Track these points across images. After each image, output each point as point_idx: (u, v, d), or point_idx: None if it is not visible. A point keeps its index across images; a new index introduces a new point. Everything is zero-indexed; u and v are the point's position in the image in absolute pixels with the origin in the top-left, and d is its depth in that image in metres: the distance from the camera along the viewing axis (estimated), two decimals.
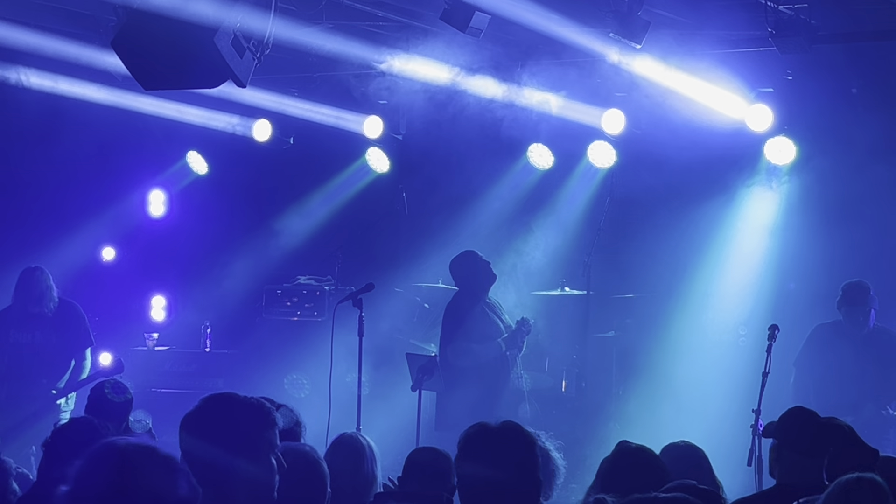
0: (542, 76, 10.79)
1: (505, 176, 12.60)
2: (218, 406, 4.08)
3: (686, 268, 11.94)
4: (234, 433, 3.96)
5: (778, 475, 5.51)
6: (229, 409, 4.06)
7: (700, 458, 5.76)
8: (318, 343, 10.89)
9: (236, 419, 4.02)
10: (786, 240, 11.44)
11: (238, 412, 4.04)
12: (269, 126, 12.83)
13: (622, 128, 11.46)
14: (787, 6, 9.18)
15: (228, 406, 4.08)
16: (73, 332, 10.00)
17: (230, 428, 3.97)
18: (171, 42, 7.71)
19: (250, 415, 4.05)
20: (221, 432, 3.92)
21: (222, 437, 3.86)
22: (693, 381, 11.34)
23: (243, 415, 4.04)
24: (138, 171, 13.47)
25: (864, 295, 9.64)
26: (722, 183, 11.49)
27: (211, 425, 3.97)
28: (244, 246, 13.23)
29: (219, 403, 4.09)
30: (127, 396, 7.35)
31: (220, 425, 3.98)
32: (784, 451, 5.48)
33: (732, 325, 11.61)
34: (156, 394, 11.96)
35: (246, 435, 3.98)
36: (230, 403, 4.09)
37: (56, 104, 11.32)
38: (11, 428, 9.37)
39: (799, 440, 5.44)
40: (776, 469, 5.52)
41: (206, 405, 4.07)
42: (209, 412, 4.05)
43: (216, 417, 4.02)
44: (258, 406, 4.07)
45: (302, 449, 4.95)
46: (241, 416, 4.04)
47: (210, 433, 3.89)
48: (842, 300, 9.71)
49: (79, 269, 12.42)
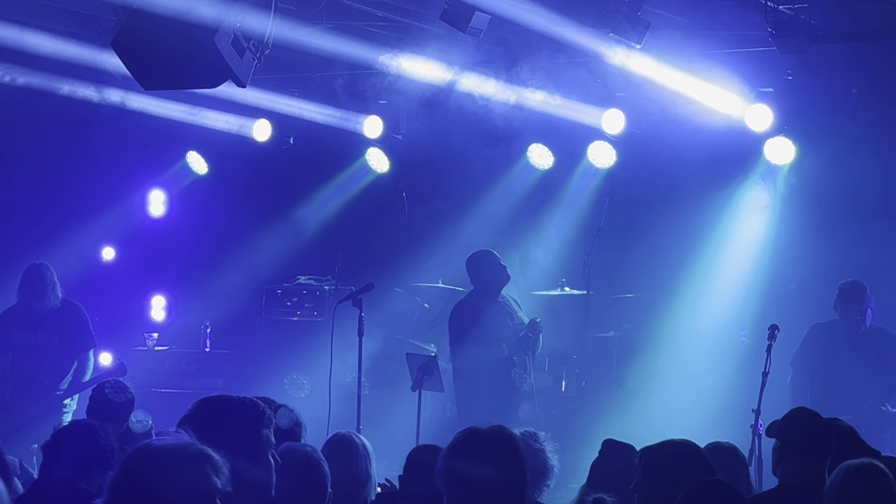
0: (541, 76, 10.78)
1: (505, 176, 12.60)
2: (213, 406, 4.10)
3: (686, 268, 11.94)
4: (231, 432, 3.97)
5: (781, 475, 5.53)
6: (225, 409, 4.09)
7: (737, 461, 5.84)
8: (318, 343, 10.89)
9: (232, 419, 4.04)
10: (786, 240, 11.44)
11: (233, 412, 4.07)
12: (269, 126, 12.83)
13: (622, 128, 11.46)
14: (787, 6, 9.18)
15: (224, 406, 4.10)
16: (75, 333, 10.01)
17: (226, 427, 3.99)
18: (170, 42, 7.71)
19: (245, 414, 4.07)
20: (218, 432, 3.93)
21: (219, 437, 3.87)
22: (693, 381, 11.34)
23: (239, 414, 4.06)
24: (138, 171, 13.46)
25: (861, 294, 9.65)
26: (722, 183, 11.49)
27: (207, 426, 3.98)
28: (244, 246, 13.23)
29: (214, 404, 4.12)
30: (127, 397, 7.36)
31: (216, 425, 3.99)
32: (787, 451, 5.49)
33: (732, 325, 11.61)
34: (156, 394, 11.96)
35: (242, 434, 4.00)
36: (225, 404, 4.12)
37: (55, 104, 11.32)
38: (15, 428, 9.38)
39: (801, 441, 5.45)
40: (779, 469, 5.54)
41: (202, 406, 4.10)
42: (205, 413, 4.07)
43: (212, 418, 4.04)
44: (252, 405, 4.10)
45: (302, 449, 4.95)
46: (236, 415, 4.06)
47: (207, 433, 3.89)
48: (839, 299, 9.72)
49: (79, 269, 12.40)
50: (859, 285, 9.68)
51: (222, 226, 13.30)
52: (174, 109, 12.06)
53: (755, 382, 8.06)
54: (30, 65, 10.61)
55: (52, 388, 9.84)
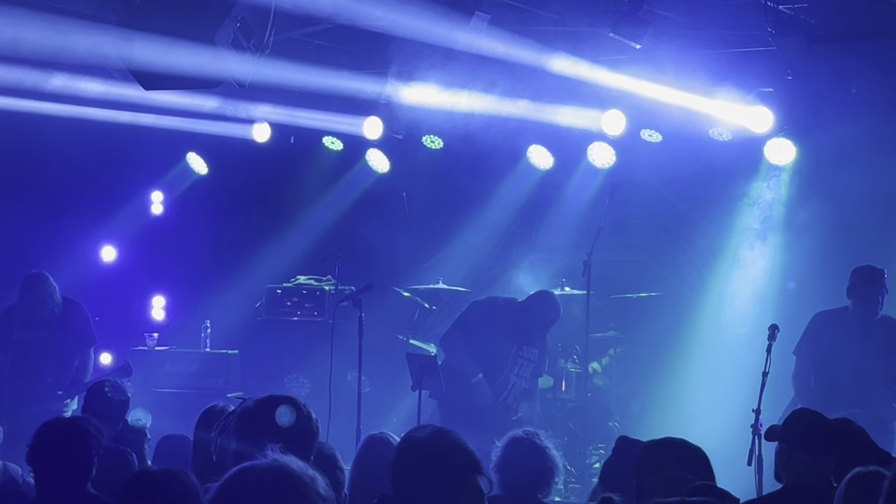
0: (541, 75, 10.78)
1: (505, 176, 12.61)
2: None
3: (686, 267, 11.94)
4: None
5: (785, 477, 5.50)
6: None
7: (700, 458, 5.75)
8: (318, 343, 10.90)
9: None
10: (785, 239, 11.45)
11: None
12: (269, 127, 12.84)
13: (622, 129, 11.46)
14: (787, 6, 9.18)
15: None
16: (76, 331, 10.02)
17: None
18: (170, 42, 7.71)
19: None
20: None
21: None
22: (693, 381, 11.35)
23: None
24: (139, 171, 13.47)
25: (880, 276, 9.33)
26: (721, 183, 11.49)
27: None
28: (244, 246, 13.23)
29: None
30: (125, 396, 7.36)
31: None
32: (791, 452, 5.48)
33: (732, 325, 11.61)
34: (156, 394, 11.95)
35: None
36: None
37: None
38: (17, 427, 9.37)
39: (804, 441, 5.43)
40: (783, 472, 5.50)
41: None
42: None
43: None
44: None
45: (322, 451, 4.93)
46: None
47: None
48: (856, 284, 9.35)
49: (79, 269, 12.41)
50: (876, 268, 9.37)
51: (223, 226, 13.32)
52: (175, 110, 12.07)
53: (755, 382, 8.05)
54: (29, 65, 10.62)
55: (54, 385, 9.85)
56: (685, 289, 12.09)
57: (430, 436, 4.18)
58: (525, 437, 6.04)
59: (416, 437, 4.22)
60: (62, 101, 11.30)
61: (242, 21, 7.67)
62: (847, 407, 8.53)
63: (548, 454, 5.97)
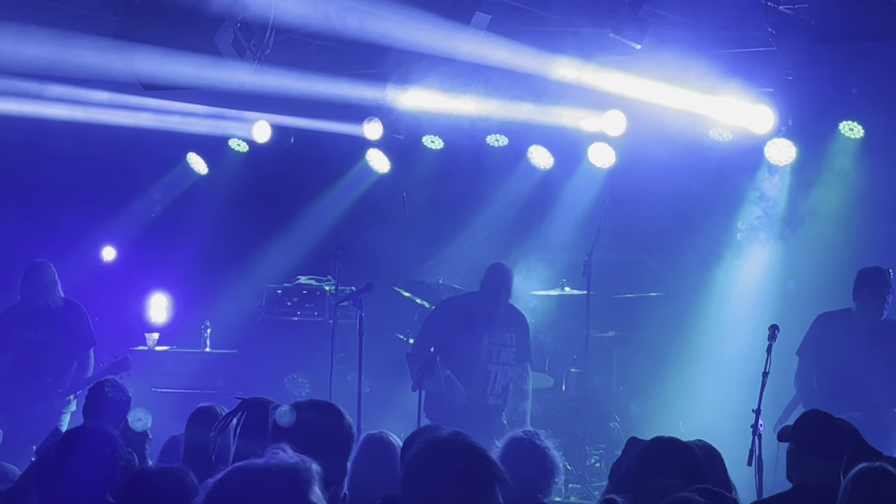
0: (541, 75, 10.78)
1: (505, 176, 12.61)
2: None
3: (686, 268, 11.93)
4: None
5: (796, 478, 5.53)
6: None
7: (715, 458, 5.75)
8: (318, 343, 10.90)
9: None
10: (785, 240, 11.45)
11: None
12: (269, 127, 12.84)
13: (623, 129, 11.46)
14: (787, 6, 9.18)
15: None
16: (76, 331, 10.03)
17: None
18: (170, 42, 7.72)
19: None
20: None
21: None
22: (693, 381, 11.35)
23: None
24: (138, 171, 13.48)
25: (887, 277, 9.25)
26: (722, 183, 11.49)
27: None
28: (244, 246, 13.23)
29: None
30: (125, 397, 7.35)
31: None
32: (801, 453, 5.50)
33: (732, 325, 11.61)
34: (156, 394, 11.96)
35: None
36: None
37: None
38: (17, 427, 9.38)
39: (814, 442, 5.45)
40: (794, 473, 5.53)
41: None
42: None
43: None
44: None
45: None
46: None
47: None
48: (861, 285, 9.26)
49: (80, 269, 12.41)
50: (883, 269, 9.29)
51: (223, 226, 13.32)
52: (175, 110, 12.07)
53: (755, 382, 8.05)
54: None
55: (54, 385, 9.85)
56: (686, 289, 12.09)
57: (451, 440, 4.05)
58: (525, 437, 6.05)
59: (439, 438, 4.10)
60: (63, 102, 11.30)
61: (242, 21, 7.67)
62: (849, 410, 8.51)
63: (548, 454, 5.97)
